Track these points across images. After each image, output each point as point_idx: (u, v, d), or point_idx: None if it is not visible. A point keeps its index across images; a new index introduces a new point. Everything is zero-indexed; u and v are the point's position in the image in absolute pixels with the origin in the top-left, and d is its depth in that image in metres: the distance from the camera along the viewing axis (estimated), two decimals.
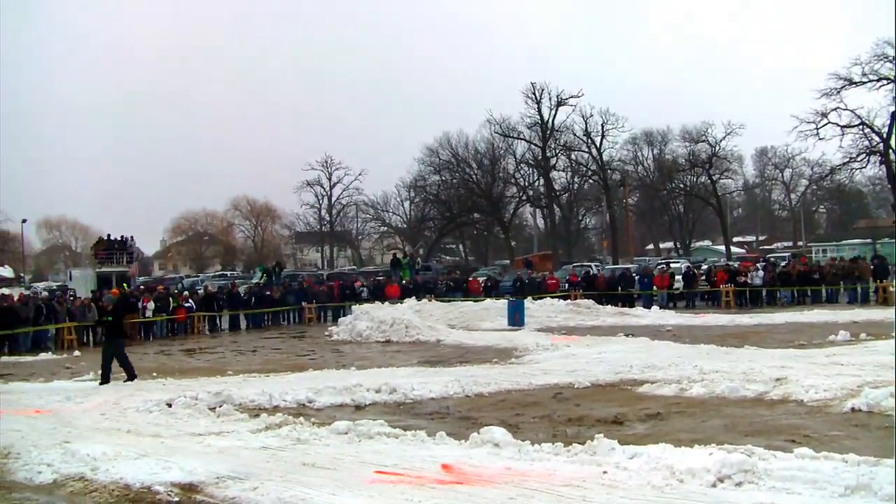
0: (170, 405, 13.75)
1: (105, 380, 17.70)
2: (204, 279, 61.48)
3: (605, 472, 8.25)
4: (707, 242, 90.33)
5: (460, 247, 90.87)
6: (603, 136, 71.26)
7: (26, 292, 36.48)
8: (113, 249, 44.51)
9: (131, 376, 17.85)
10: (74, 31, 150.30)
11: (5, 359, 24.86)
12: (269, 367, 20.14)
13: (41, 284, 69.70)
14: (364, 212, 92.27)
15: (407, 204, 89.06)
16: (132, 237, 46.52)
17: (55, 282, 71.93)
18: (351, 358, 21.77)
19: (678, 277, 38.52)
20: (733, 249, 74.33)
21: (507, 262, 68.31)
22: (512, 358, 20.00)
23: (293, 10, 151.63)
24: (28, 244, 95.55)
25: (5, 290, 36.21)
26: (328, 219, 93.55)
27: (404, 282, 41.38)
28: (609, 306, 33.51)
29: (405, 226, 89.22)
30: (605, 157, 72.53)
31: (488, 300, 35.06)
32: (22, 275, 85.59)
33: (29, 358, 24.84)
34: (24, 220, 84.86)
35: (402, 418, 12.49)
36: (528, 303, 31.61)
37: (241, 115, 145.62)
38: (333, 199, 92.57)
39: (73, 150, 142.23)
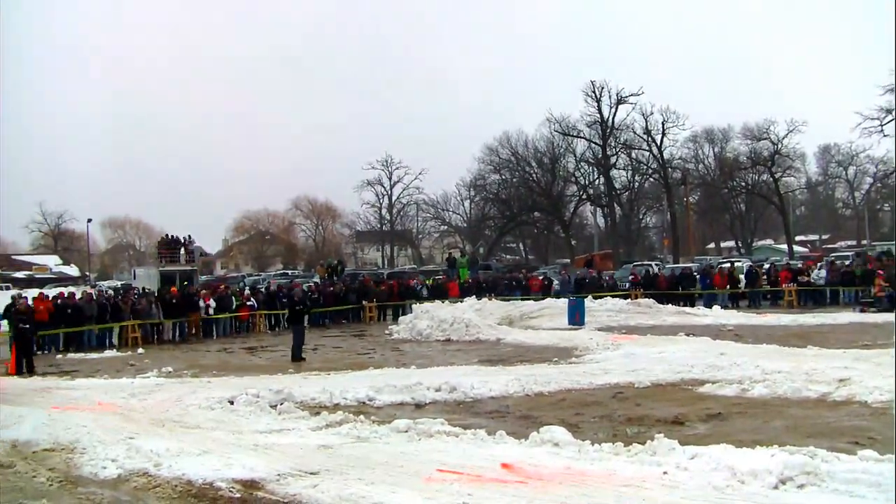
0: (232, 402, 13.91)
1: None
2: (266, 278, 62.01)
3: (665, 473, 8.20)
4: (769, 241, 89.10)
5: (520, 246, 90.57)
6: (663, 134, 70.56)
7: (91, 290, 37.06)
8: (175, 248, 45.09)
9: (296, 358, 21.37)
10: (139, 31, 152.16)
11: (71, 356, 25.19)
12: (329, 365, 20.25)
13: (106, 283, 70.85)
14: (424, 211, 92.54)
15: (467, 203, 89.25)
16: (189, 236, 46.99)
17: (119, 280, 73.08)
18: (411, 356, 21.85)
19: (741, 276, 38.02)
20: (796, 248, 73.21)
21: (568, 261, 68.01)
22: (572, 357, 19.92)
23: (354, 11, 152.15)
24: (93, 243, 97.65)
25: (71, 289, 36.84)
26: (388, 218, 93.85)
27: (462, 281, 41.33)
28: (670, 306, 33.18)
29: (465, 225, 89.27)
30: (665, 156, 71.80)
31: (548, 299, 34.90)
32: (87, 273, 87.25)
33: (94, 355, 25.13)
34: (89, 220, 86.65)
35: (462, 417, 12.53)
36: (589, 302, 31.41)
37: (303, 114, 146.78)
38: (394, 198, 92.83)
39: (136, 151, 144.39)
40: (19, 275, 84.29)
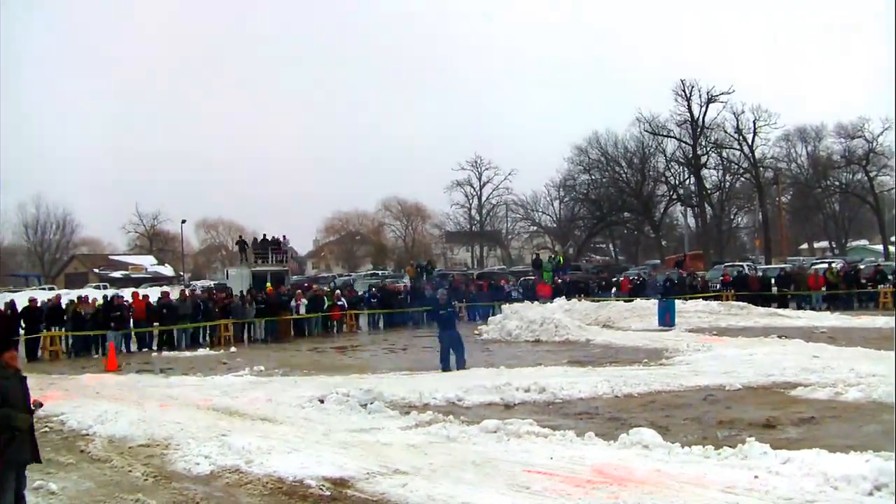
0: (322, 401, 14.02)
1: (445, 366, 19.06)
2: (356, 278, 62.57)
3: (756, 477, 8.07)
4: (863, 242, 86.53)
5: (610, 246, 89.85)
6: (755, 133, 69.17)
7: (185, 290, 37.85)
8: (267, 249, 45.71)
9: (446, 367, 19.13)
10: (237, 35, 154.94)
11: (166, 354, 25.72)
12: (419, 365, 20.36)
13: (199, 283, 72.24)
14: (514, 211, 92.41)
15: (556, 203, 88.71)
16: (284, 236, 47.57)
17: (212, 280, 74.50)
18: (500, 357, 21.79)
19: (835, 278, 37.05)
20: (892, 249, 71.10)
21: (658, 261, 67.18)
22: (662, 358, 19.67)
23: (441, 10, 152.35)
24: (187, 244, 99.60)
25: (165, 288, 37.63)
26: (478, 218, 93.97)
27: (548, 282, 41.14)
28: (762, 307, 32.57)
29: (555, 225, 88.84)
30: (757, 155, 70.35)
31: (638, 300, 34.53)
32: (181, 273, 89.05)
33: (188, 353, 25.64)
34: (183, 221, 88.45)
35: (551, 418, 12.46)
36: (679, 303, 31.01)
37: (393, 114, 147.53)
38: (483, 198, 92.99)
39: (227, 153, 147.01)
40: (116, 274, 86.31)
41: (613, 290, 39.98)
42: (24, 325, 25.21)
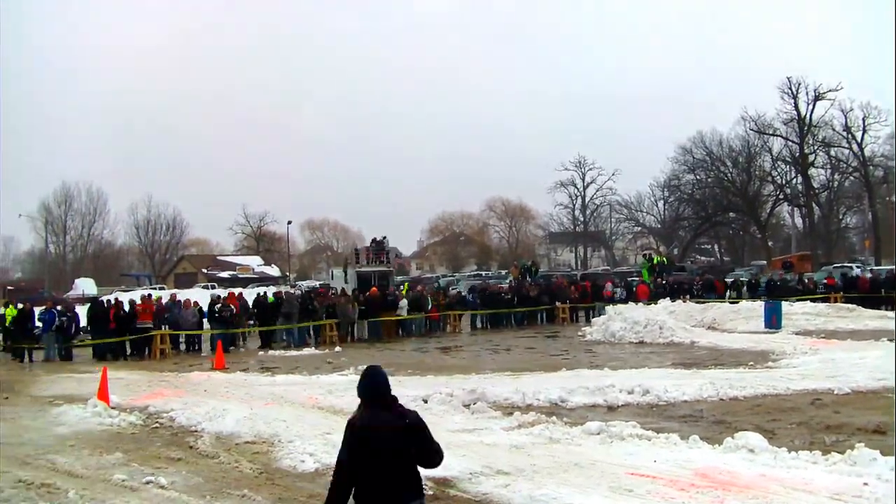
0: (425, 401, 14.04)
1: None
2: (460, 278, 62.77)
3: (865, 484, 7.88)
4: None
5: (715, 247, 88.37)
6: (864, 131, 67.29)
7: (291, 290, 38.44)
8: (371, 249, 46.05)
9: None
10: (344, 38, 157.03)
11: (272, 353, 25.98)
12: (522, 365, 20.23)
13: (305, 283, 73.30)
14: (617, 212, 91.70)
15: (661, 203, 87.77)
16: (385, 237, 47.87)
17: (318, 280, 75.62)
18: (604, 358, 21.61)
19: None
20: None
21: (764, 262, 65.76)
22: (768, 361, 19.25)
23: (544, 10, 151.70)
24: (293, 244, 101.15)
25: (272, 288, 38.28)
26: (582, 219, 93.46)
27: (648, 283, 40.58)
28: (872, 310, 31.58)
29: (659, 226, 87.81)
30: (866, 153, 68.31)
31: (744, 301, 33.83)
32: (287, 273, 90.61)
33: (293, 353, 25.85)
34: (289, 222, 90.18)
35: (654, 420, 12.34)
36: (786, 305, 30.26)
37: (498, 114, 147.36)
38: (587, 199, 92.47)
39: (332, 155, 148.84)
40: (224, 275, 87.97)
41: (718, 291, 39.20)
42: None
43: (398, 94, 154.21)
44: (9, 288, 70.78)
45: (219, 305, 27.21)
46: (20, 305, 27.83)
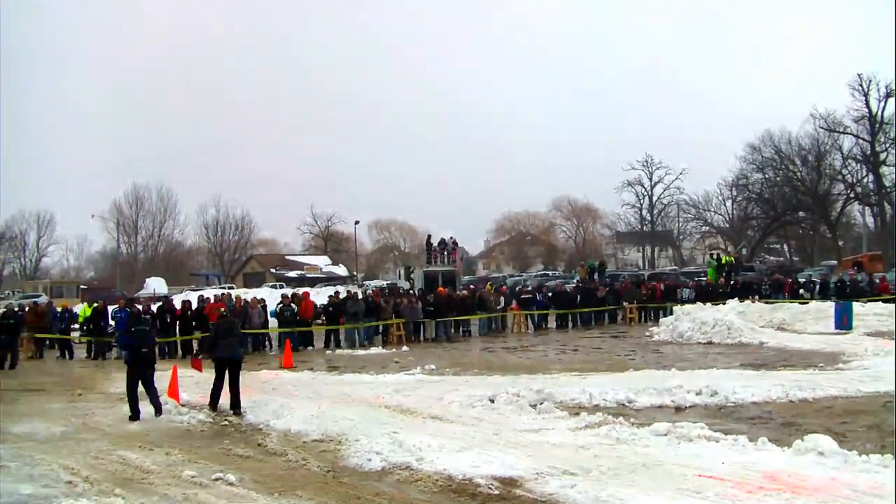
0: (492, 400, 14.04)
1: None
2: (526, 278, 62.59)
3: None
4: None
5: (784, 247, 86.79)
6: None
7: (357, 289, 38.59)
8: (438, 249, 46.08)
9: None
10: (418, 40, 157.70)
11: (339, 352, 26.17)
12: (589, 366, 20.11)
13: (373, 282, 73.64)
14: (685, 211, 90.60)
15: (729, 203, 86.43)
16: (452, 237, 47.89)
17: (385, 280, 75.93)
18: (671, 359, 21.41)
19: None
20: None
21: (835, 262, 64.33)
22: (838, 363, 18.89)
23: (630, 8, 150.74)
24: (360, 244, 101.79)
25: (340, 288, 38.46)
26: (649, 218, 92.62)
27: (716, 283, 40.05)
28: None
29: (727, 225, 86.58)
30: None
31: (814, 302, 33.27)
32: (355, 273, 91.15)
33: (360, 352, 26.00)
34: (356, 222, 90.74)
35: (722, 422, 12.17)
36: (857, 306, 29.65)
37: (564, 114, 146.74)
38: (654, 198, 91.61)
39: (399, 155, 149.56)
40: (292, 274, 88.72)
41: (787, 292, 38.54)
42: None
43: (461, 91, 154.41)
44: (82, 287, 72.32)
45: (280, 305, 27.54)
46: (94, 304, 28.44)
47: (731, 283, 40.24)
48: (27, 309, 28.60)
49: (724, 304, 32.09)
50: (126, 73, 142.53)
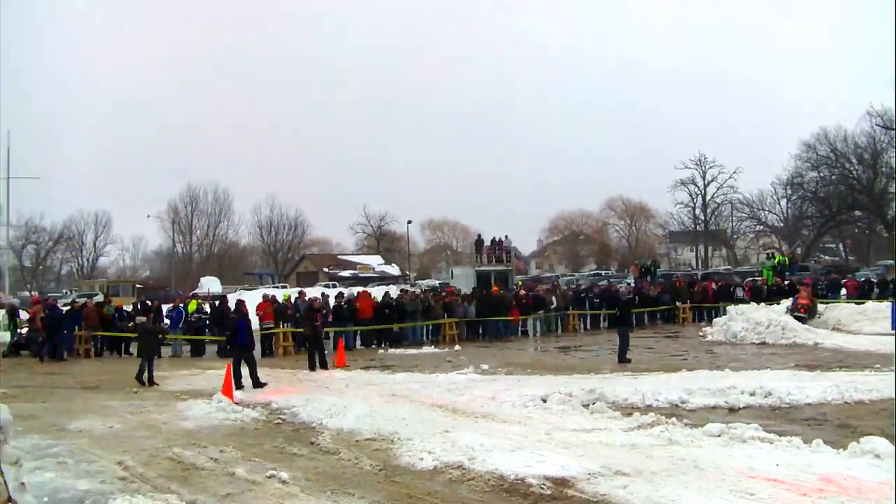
0: (544, 400, 14.02)
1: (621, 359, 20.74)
2: (579, 278, 62.31)
3: None
4: None
5: (840, 246, 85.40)
6: None
7: (411, 289, 38.63)
8: (491, 249, 45.94)
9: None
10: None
11: (392, 351, 26.23)
12: (641, 366, 20.02)
13: (425, 282, 73.67)
14: (739, 210, 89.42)
15: (783, 202, 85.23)
16: (506, 236, 47.71)
17: (437, 280, 76.04)
18: (725, 359, 21.18)
19: None
20: None
21: (891, 262, 63.17)
22: None
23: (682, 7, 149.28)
24: (413, 244, 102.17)
25: (393, 287, 38.59)
26: (702, 218, 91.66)
27: (770, 284, 39.49)
28: None
29: (782, 224, 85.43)
30: None
31: (870, 302, 32.64)
32: (407, 272, 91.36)
33: (413, 351, 26.08)
34: (409, 222, 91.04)
35: (776, 423, 12.02)
36: None
37: (616, 114, 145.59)
38: (707, 197, 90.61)
39: (451, 155, 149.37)
40: (345, 273, 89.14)
41: (842, 291, 37.93)
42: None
43: (514, 91, 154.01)
44: (138, 286, 73.37)
45: (335, 304, 27.63)
46: (148, 303, 28.87)
47: (786, 282, 39.65)
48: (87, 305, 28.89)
49: (778, 303, 31.66)
50: (183, 75, 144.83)
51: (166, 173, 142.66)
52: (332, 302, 28.15)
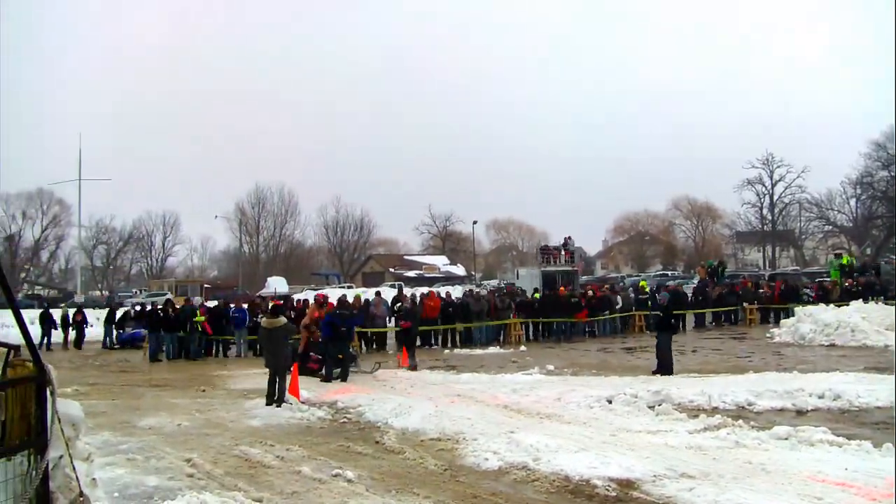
0: (610, 401, 13.92)
1: (664, 370, 18.76)
2: (645, 278, 61.80)
3: None
4: None
5: None
6: None
7: (476, 289, 38.65)
8: (556, 249, 45.70)
9: (663, 369, 18.74)
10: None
11: (457, 351, 26.25)
12: (708, 367, 19.75)
13: (490, 282, 73.57)
14: (807, 210, 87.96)
15: (853, 202, 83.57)
16: (569, 237, 47.42)
17: (503, 280, 76.07)
18: (792, 361, 20.74)
19: None
20: None
21: None
22: None
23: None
24: (478, 244, 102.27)
25: (458, 287, 38.64)
26: (770, 218, 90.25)
27: (838, 284, 38.66)
28: None
29: (851, 225, 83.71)
30: None
31: None
32: (473, 273, 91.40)
33: (479, 351, 26.02)
34: (474, 222, 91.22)
35: (845, 427, 11.73)
36: None
37: (682, 112, 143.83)
38: (775, 197, 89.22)
39: (515, 155, 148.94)
40: (410, 274, 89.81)
41: None
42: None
43: (579, 94, 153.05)
44: (206, 286, 74.48)
45: (399, 304, 27.69)
46: (215, 302, 29.40)
47: (855, 283, 38.79)
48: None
49: (847, 305, 31.01)
50: (247, 76, 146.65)
51: (234, 173, 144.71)
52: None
